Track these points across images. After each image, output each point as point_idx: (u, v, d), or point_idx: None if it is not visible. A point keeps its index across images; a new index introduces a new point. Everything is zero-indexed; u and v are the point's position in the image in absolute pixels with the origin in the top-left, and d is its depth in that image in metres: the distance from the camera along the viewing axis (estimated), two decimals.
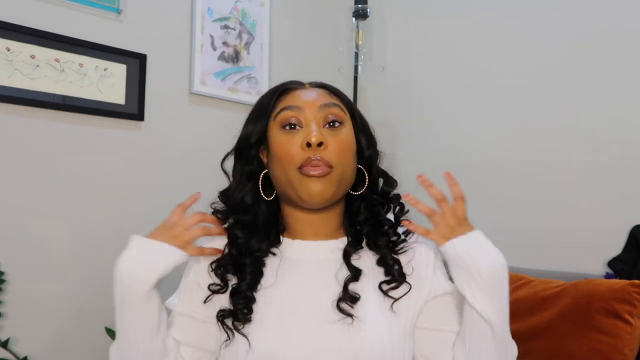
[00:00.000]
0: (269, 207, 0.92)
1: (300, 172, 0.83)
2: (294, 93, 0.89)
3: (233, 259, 0.88)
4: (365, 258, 0.89)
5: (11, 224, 1.50)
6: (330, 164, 0.83)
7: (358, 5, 2.03)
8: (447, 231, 0.83)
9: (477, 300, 0.80)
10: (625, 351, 1.26)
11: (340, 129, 0.86)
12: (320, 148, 0.82)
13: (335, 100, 0.89)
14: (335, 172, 0.83)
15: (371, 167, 0.91)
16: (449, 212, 0.84)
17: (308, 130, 0.84)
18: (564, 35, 1.75)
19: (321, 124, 0.85)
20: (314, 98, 0.87)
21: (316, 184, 0.82)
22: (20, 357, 1.48)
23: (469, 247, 0.81)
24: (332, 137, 0.85)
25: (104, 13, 1.68)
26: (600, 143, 1.66)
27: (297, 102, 0.87)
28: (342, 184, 0.86)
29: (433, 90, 2.10)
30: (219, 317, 0.85)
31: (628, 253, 1.57)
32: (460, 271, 0.82)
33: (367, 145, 0.91)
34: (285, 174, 0.84)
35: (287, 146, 0.84)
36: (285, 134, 0.85)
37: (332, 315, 0.82)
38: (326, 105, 0.86)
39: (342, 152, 0.85)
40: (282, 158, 0.84)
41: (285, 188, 0.86)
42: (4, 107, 1.49)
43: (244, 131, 0.90)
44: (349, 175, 0.87)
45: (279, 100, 0.89)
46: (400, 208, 0.92)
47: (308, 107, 0.85)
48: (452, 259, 0.82)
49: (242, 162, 0.91)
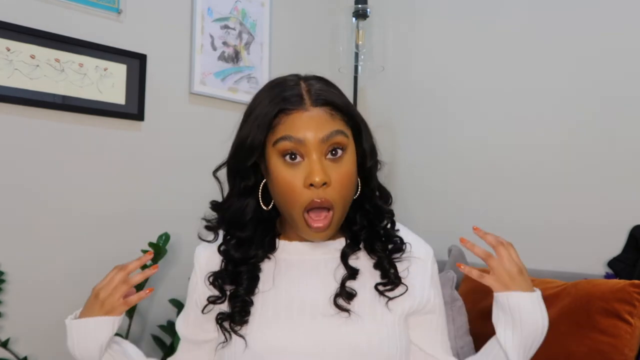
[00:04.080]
0: (266, 217, 0.92)
1: (305, 218, 0.83)
2: (294, 116, 0.82)
3: (229, 272, 0.89)
4: (363, 259, 0.90)
5: (11, 224, 1.50)
6: (332, 205, 0.82)
7: (358, 5, 2.03)
8: (507, 278, 0.84)
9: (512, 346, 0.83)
10: (625, 351, 1.26)
11: (342, 157, 0.83)
12: (323, 187, 0.81)
13: (338, 125, 0.83)
14: (336, 212, 0.84)
15: (371, 178, 0.91)
16: (506, 256, 0.84)
17: (311, 166, 0.81)
18: (564, 35, 1.75)
19: (323, 156, 0.82)
20: (316, 127, 0.81)
21: (319, 234, 0.84)
22: (20, 357, 1.48)
23: (524, 303, 0.83)
24: (333, 170, 0.82)
25: (104, 13, 1.68)
26: (600, 143, 1.66)
27: (299, 131, 0.81)
28: (342, 217, 0.87)
29: (433, 90, 2.10)
30: (218, 320, 0.87)
31: (628, 253, 1.57)
32: (507, 317, 0.84)
33: (369, 156, 0.89)
34: (290, 212, 0.84)
35: (291, 183, 0.82)
36: (286, 167, 0.82)
37: (328, 310, 0.84)
38: (329, 137, 0.81)
39: (344, 187, 0.84)
40: (286, 195, 0.83)
41: (288, 219, 0.87)
42: (4, 107, 1.49)
43: (239, 143, 0.86)
44: (348, 205, 0.87)
45: (277, 118, 0.82)
46: (392, 225, 0.93)
47: (310, 139, 0.81)
48: (502, 306, 0.84)
49: (238, 177, 0.89)
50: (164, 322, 1.77)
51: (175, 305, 1.74)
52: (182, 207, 1.78)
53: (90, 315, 0.87)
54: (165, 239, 1.63)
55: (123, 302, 0.87)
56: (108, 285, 0.87)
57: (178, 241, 1.76)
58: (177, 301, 1.74)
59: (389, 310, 0.86)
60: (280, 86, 0.85)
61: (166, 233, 1.64)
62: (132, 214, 1.71)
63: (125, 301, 0.88)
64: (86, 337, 0.87)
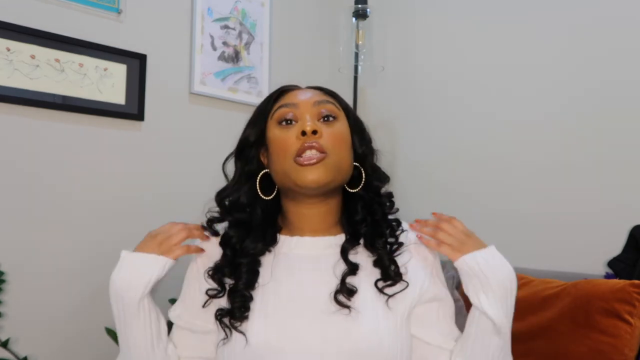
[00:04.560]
0: (266, 207, 0.93)
1: (296, 162, 0.85)
2: (290, 93, 0.93)
3: (229, 262, 0.89)
4: (362, 255, 0.91)
5: (11, 224, 1.50)
6: (324, 149, 0.85)
7: (358, 5, 2.03)
8: (458, 244, 0.87)
9: (489, 305, 0.83)
10: (625, 351, 1.26)
11: (335, 123, 0.90)
12: (315, 136, 0.85)
13: (329, 99, 0.93)
14: (330, 158, 0.86)
15: (365, 163, 0.93)
16: (449, 228, 0.89)
17: (303, 121, 0.88)
18: (564, 34, 1.75)
19: (315, 118, 0.89)
20: (309, 96, 0.92)
21: (311, 170, 0.85)
22: (20, 357, 1.48)
23: (481, 260, 0.85)
24: (326, 128, 0.88)
25: (104, 13, 1.68)
26: (600, 143, 1.66)
27: (293, 99, 0.91)
28: (339, 172, 0.88)
29: (433, 90, 2.10)
30: (217, 316, 0.87)
31: (628, 253, 1.57)
32: (473, 280, 0.85)
33: (360, 143, 0.93)
34: (282, 165, 0.87)
35: (284, 138, 0.88)
36: (281, 129, 0.89)
37: (329, 306, 0.84)
38: (320, 102, 0.90)
39: (337, 140, 0.88)
40: (278, 150, 0.88)
41: (283, 179, 0.89)
42: (4, 107, 1.49)
43: (244, 134, 0.94)
44: (344, 165, 0.89)
45: (276, 101, 0.93)
46: (390, 205, 0.95)
47: (303, 104, 0.90)
48: (464, 272, 0.86)
49: (241, 162, 0.94)
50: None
51: None
52: (182, 206, 1.78)
53: (145, 251, 0.88)
54: None
55: (183, 248, 0.89)
56: (168, 230, 0.90)
57: None
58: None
59: (389, 307, 0.87)
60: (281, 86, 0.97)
61: None
62: (132, 213, 1.71)
63: (186, 247, 0.90)
64: (135, 270, 0.86)
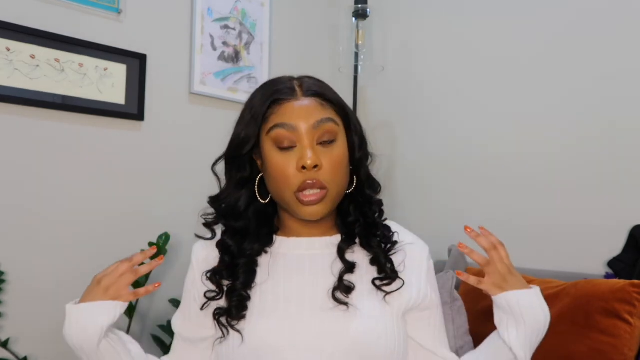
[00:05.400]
0: (262, 209, 0.93)
1: (297, 197, 0.85)
2: (286, 105, 0.86)
3: (227, 265, 0.90)
4: (359, 254, 0.92)
5: (11, 224, 1.50)
6: (325, 185, 0.85)
7: (358, 5, 2.03)
8: (500, 280, 0.85)
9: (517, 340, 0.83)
10: (625, 351, 1.26)
11: (334, 144, 0.87)
12: (315, 170, 0.84)
13: (328, 113, 0.87)
14: (330, 192, 0.86)
15: (360, 168, 0.93)
16: (498, 260, 0.86)
17: (302, 151, 0.85)
18: (564, 35, 1.75)
19: (315, 142, 0.86)
20: (307, 114, 0.86)
21: (312, 208, 0.85)
22: (20, 357, 1.48)
23: (524, 302, 0.84)
24: (325, 155, 0.86)
25: (104, 13, 1.68)
26: (600, 143, 1.66)
27: (291, 119, 0.85)
28: (337, 199, 0.89)
29: (433, 90, 2.10)
30: (215, 316, 0.88)
31: (628, 253, 1.57)
32: (509, 316, 0.85)
33: (358, 147, 0.92)
34: (282, 195, 0.87)
35: (283, 168, 0.85)
36: (280, 155, 0.86)
37: (327, 304, 0.85)
38: (320, 123, 0.86)
39: (336, 170, 0.86)
40: (278, 179, 0.86)
41: (282, 203, 0.89)
42: (4, 107, 1.49)
43: (235, 136, 0.90)
44: (342, 189, 0.89)
45: (270, 109, 0.87)
46: (379, 214, 0.94)
47: (301, 126, 0.85)
48: (502, 307, 0.86)
49: (234, 169, 0.91)
50: (164, 322, 1.77)
51: (175, 305, 1.74)
52: (182, 207, 1.78)
53: (92, 300, 0.84)
54: (165, 239, 1.63)
55: (131, 292, 0.86)
56: (113, 274, 0.85)
57: (178, 241, 1.76)
58: (177, 301, 1.74)
59: (386, 304, 0.88)
60: (273, 83, 0.91)
61: (166, 233, 1.64)
62: (132, 214, 1.71)
63: (135, 292, 0.86)
64: (87, 321, 0.83)
